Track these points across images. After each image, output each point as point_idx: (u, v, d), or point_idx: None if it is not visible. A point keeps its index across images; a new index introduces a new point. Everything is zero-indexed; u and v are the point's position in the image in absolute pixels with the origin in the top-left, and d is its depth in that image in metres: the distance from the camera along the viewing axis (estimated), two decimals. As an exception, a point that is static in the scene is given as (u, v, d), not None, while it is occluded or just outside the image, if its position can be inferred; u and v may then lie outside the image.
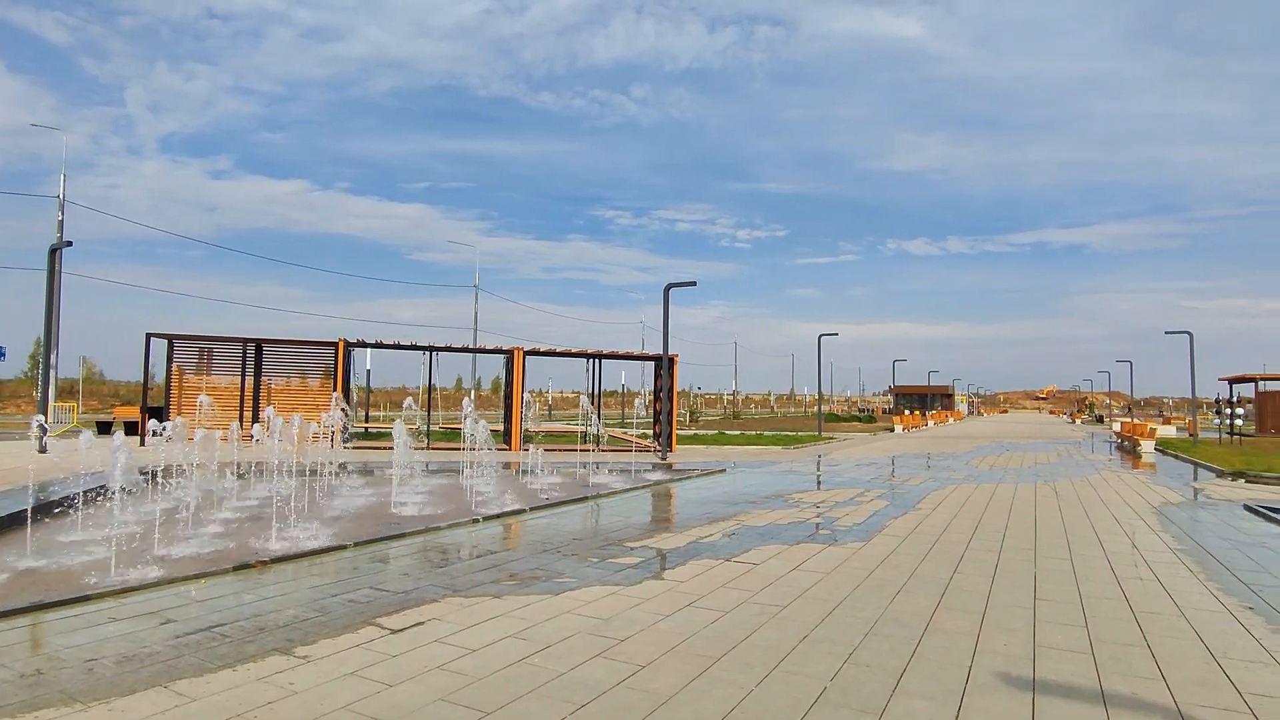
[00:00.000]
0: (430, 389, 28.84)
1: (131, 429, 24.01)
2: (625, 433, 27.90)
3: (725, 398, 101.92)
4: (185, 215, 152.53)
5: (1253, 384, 39.22)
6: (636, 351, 29.57)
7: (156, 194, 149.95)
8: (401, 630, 5.16)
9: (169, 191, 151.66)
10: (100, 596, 5.80)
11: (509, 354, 24.83)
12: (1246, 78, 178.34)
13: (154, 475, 10.14)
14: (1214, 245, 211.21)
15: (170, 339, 23.65)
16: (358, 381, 27.34)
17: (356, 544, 8.03)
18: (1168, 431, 36.71)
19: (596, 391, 27.95)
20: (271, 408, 18.75)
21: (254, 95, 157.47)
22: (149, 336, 23.47)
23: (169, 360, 23.63)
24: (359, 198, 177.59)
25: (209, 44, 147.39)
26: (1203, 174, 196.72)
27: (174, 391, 23.46)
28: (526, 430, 24.69)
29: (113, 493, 7.46)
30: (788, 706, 3.97)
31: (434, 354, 26.18)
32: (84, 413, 42.86)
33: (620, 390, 41.24)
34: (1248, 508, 11.89)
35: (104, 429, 25.31)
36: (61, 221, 31.88)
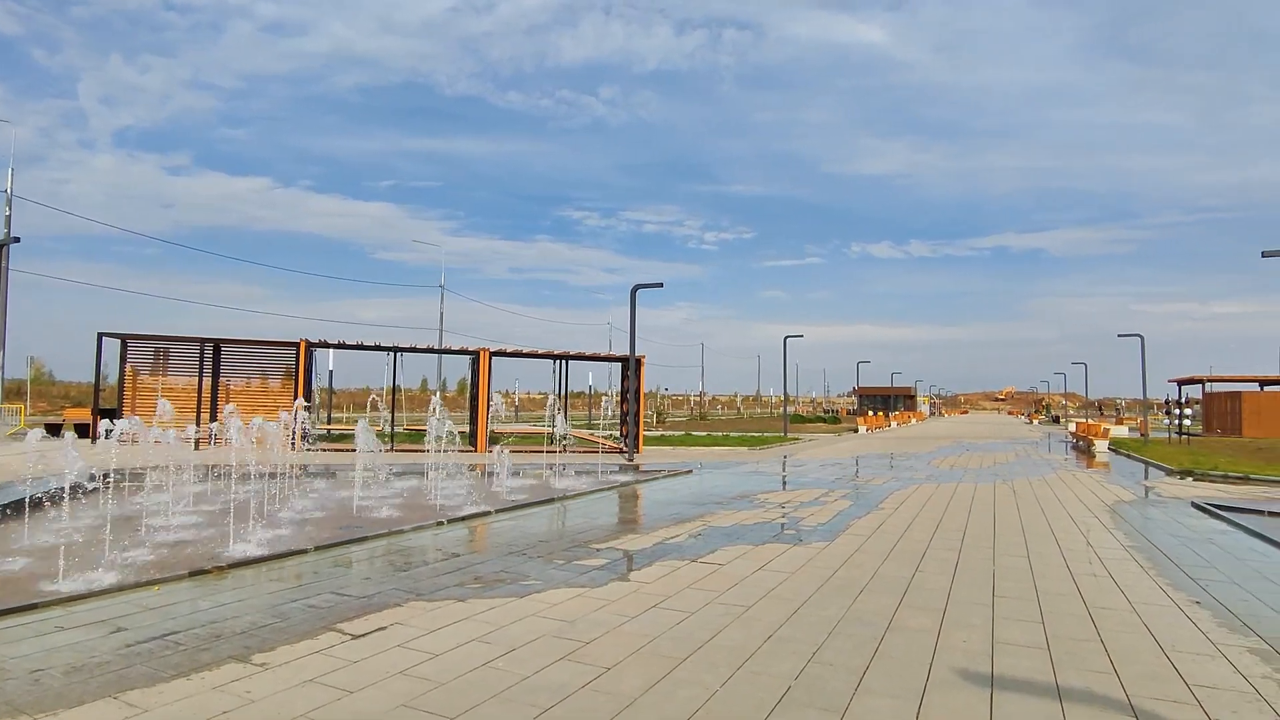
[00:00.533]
0: (395, 390, 28.46)
1: (83, 431, 23.29)
2: (592, 434, 27.85)
3: (692, 399, 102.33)
4: (141, 212, 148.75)
5: (1200, 385, 40.63)
6: (603, 353, 29.53)
7: (110, 190, 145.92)
8: (363, 635, 5.08)
9: (123, 187, 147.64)
10: (48, 605, 5.61)
11: (475, 355, 24.62)
12: (1194, 89, 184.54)
13: (106, 478, 9.84)
14: (1164, 251, 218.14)
15: (124, 339, 22.99)
16: (320, 382, 26.80)
17: (317, 548, 7.88)
18: (1120, 431, 37.80)
19: (563, 393, 27.84)
20: (233, 405, 18.32)
21: (213, 90, 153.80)
22: (101, 336, 22.79)
23: (122, 360, 22.97)
24: (322, 196, 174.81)
25: (166, 36, 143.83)
26: (1154, 182, 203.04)
27: (128, 393, 22.81)
28: (493, 432, 24.50)
29: (61, 496, 7.22)
30: (753, 707, 3.99)
31: (399, 355, 25.84)
32: (32, 414, 41.48)
33: (587, 391, 41.13)
34: (1195, 505, 12.29)
35: (54, 431, 24.51)
36: (9, 217, 30.82)
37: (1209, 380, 40.09)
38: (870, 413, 59.51)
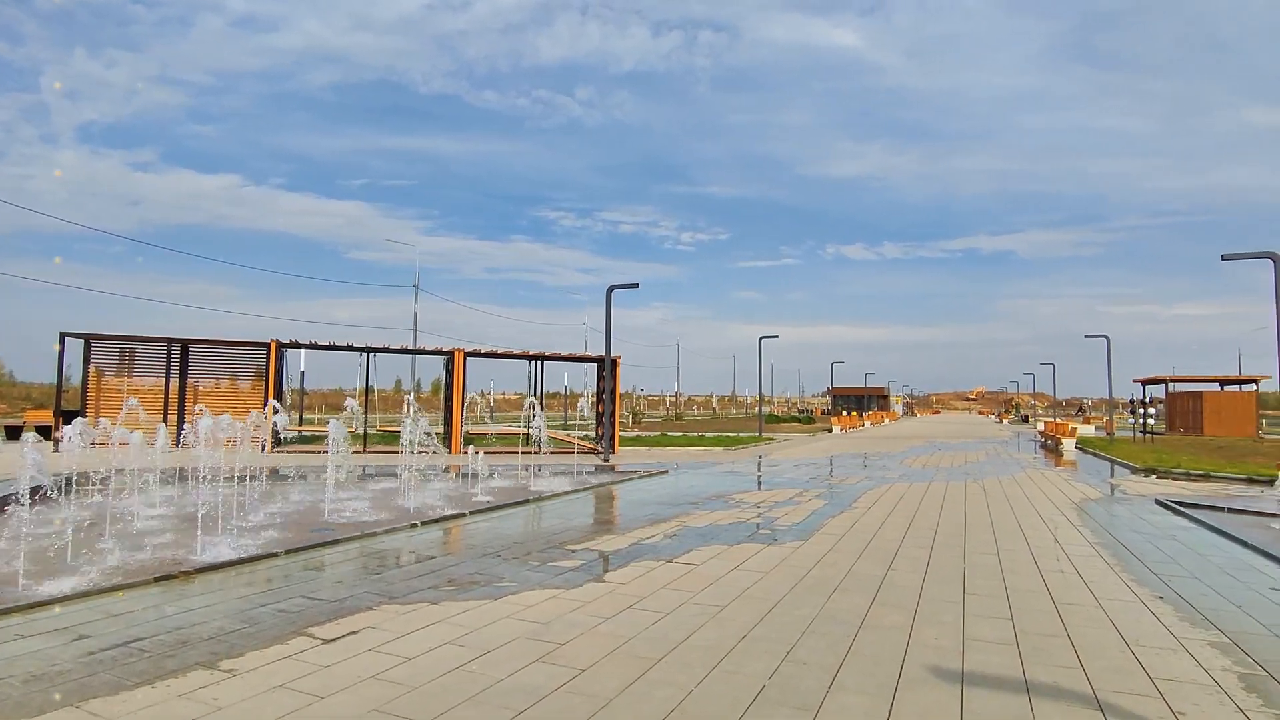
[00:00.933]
0: (368, 391, 28.17)
1: (46, 433, 22.73)
2: (568, 435, 27.78)
3: (668, 399, 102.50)
4: (106, 209, 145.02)
5: (1163, 385, 41.58)
6: (579, 353, 29.49)
7: (74, 186, 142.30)
8: (334, 640, 5.02)
9: (88, 184, 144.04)
10: (7, 613, 5.46)
11: (449, 355, 24.45)
12: (1158, 96, 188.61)
13: (69, 481, 9.61)
14: (1128, 254, 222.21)
15: (87, 339, 22.48)
16: (291, 383, 26.42)
17: (288, 551, 7.77)
18: (1087, 430, 38.51)
19: (539, 393, 27.75)
20: (203, 407, 17.99)
21: (182, 85, 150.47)
22: (63, 336, 22.27)
23: (86, 361, 22.45)
24: (294, 194, 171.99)
25: (132, 30, 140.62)
26: (1119, 186, 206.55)
27: (91, 394, 22.31)
28: (467, 432, 24.34)
29: (21, 500, 7.03)
30: (728, 706, 4.00)
31: (372, 355, 25.57)
32: (-9, 416, 40.34)
33: (563, 392, 41.05)
34: (1158, 502, 12.57)
35: (13, 433, 23.91)
36: (-34, 213, 29.99)
37: (1172, 380, 41.02)
38: (844, 413, 60.07)
